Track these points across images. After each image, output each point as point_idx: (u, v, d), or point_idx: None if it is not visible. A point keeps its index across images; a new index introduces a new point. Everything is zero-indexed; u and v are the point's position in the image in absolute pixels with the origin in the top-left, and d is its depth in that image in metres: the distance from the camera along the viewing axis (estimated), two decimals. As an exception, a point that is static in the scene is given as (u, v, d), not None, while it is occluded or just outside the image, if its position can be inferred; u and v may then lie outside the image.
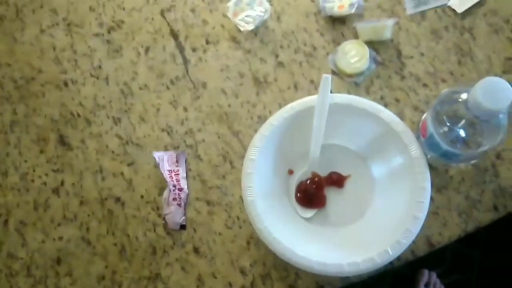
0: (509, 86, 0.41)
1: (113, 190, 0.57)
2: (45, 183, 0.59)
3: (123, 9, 0.65)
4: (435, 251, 0.53)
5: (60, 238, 0.56)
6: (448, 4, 0.59)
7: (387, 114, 0.51)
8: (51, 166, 0.59)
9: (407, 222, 0.48)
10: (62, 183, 0.58)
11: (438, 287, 1.20)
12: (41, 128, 0.61)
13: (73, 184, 0.58)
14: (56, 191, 0.58)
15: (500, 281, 1.20)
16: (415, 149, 0.50)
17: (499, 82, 0.41)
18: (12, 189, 0.59)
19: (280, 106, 0.57)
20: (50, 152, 0.60)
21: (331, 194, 0.54)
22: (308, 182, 0.54)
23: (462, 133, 0.47)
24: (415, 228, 0.47)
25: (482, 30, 0.58)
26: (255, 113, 0.59)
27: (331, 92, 0.57)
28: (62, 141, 0.60)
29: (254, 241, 0.54)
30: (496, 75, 0.56)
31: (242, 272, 0.53)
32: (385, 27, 0.57)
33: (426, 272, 1.20)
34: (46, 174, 0.59)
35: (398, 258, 0.50)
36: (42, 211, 0.58)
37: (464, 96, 0.44)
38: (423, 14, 0.59)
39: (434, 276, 1.20)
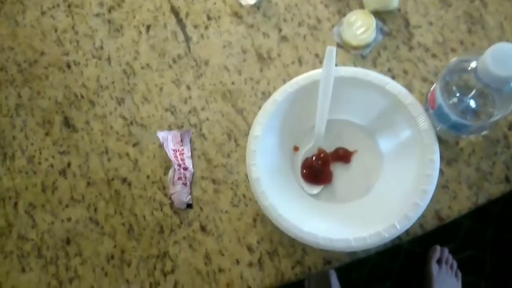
0: (521, 51, 0.39)
1: (119, 171, 0.57)
2: (52, 165, 0.59)
3: (123, -13, 0.64)
4: (447, 227, 0.52)
5: (69, 219, 0.57)
6: (458, -30, 0.56)
7: (394, 86, 0.50)
8: (57, 148, 0.60)
9: (415, 195, 0.47)
10: (69, 165, 0.59)
11: (450, 262, 1.20)
12: (46, 111, 0.61)
13: (79, 165, 0.59)
14: (63, 173, 0.59)
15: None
16: (423, 121, 0.48)
17: (510, 47, 0.39)
18: (20, 172, 0.59)
19: (285, 82, 0.56)
20: (55, 134, 0.60)
21: (338, 170, 0.53)
22: (314, 158, 0.53)
23: (472, 103, 0.46)
24: (424, 202, 0.46)
25: (494, -4, 0.55)
26: (259, 90, 0.58)
27: (336, 65, 0.56)
28: (67, 123, 0.60)
29: (260, 218, 0.54)
30: (508, 42, 0.54)
31: (249, 249, 0.53)
32: (392, -5, 0.55)
33: (438, 248, 1.19)
34: (53, 157, 0.59)
35: (407, 232, 0.50)
36: (50, 193, 0.58)
37: (473, 64, 0.43)
38: (431, -19, 0.57)
39: (446, 251, 1.20)
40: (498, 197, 0.51)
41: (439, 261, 1.19)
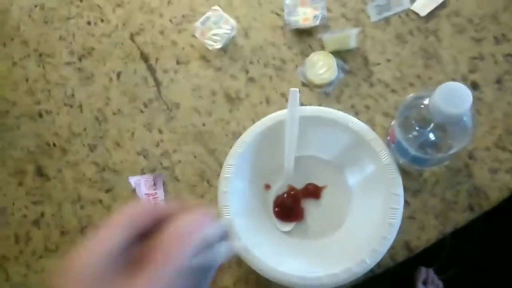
0: (467, 89, 0.41)
1: (93, 218, 0.57)
2: (25, 216, 0.59)
3: (93, 35, 0.66)
4: (431, 247, 0.53)
5: (43, 270, 0.56)
6: (411, 8, 0.60)
7: (356, 123, 0.52)
8: (30, 198, 0.59)
9: (383, 229, 0.48)
10: (42, 215, 0.59)
11: (436, 283, 1.21)
12: (18, 161, 0.61)
13: (52, 215, 0.58)
14: (36, 223, 0.58)
15: (497, 272, 1.21)
16: (385, 156, 0.50)
17: (457, 86, 0.41)
18: (-8, 224, 0.59)
19: (253, 121, 0.57)
20: (28, 184, 0.60)
21: (309, 206, 0.54)
22: (285, 196, 0.54)
23: (431, 136, 0.48)
24: (391, 235, 0.47)
25: (446, 32, 0.59)
26: (229, 130, 0.59)
27: (302, 104, 0.58)
28: (40, 172, 0.60)
29: (236, 259, 0.54)
30: (463, 75, 0.57)
31: (226, 290, 0.53)
32: (350, 36, 0.57)
33: (423, 269, 1.20)
34: (26, 207, 0.59)
35: (378, 265, 0.51)
36: (24, 244, 0.58)
37: (426, 101, 0.45)
38: (387, 20, 0.60)
39: (431, 272, 1.21)
40: (480, 217, 0.52)
41: (425, 283, 1.20)
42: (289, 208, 0.54)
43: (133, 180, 0.57)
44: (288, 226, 0.54)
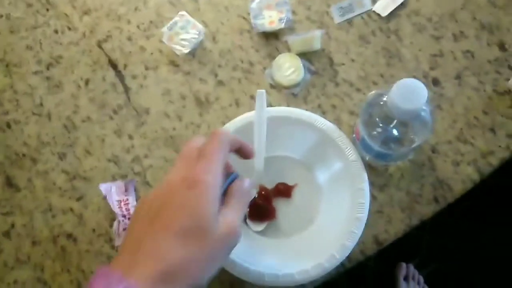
0: (423, 85, 0.43)
1: (64, 227, 0.57)
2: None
3: (60, 44, 0.65)
4: (409, 243, 0.54)
5: (15, 282, 0.56)
6: (373, 9, 0.61)
7: (322, 122, 0.53)
8: (1, 210, 0.59)
9: (351, 224, 0.49)
10: (13, 226, 0.58)
11: (417, 278, 1.23)
12: (-13, 172, 0.60)
13: (24, 225, 0.58)
14: (7, 234, 0.58)
15: (475, 264, 1.24)
16: (351, 153, 0.51)
17: (412, 82, 0.43)
18: (-39, 238, 0.58)
19: (224, 124, 0.58)
20: (-3, 195, 0.59)
21: (280, 205, 0.55)
22: (256, 196, 0.55)
23: (395, 132, 0.49)
24: (358, 229, 0.49)
25: (407, 31, 0.61)
26: (200, 133, 0.60)
27: (270, 105, 0.59)
28: (10, 182, 0.60)
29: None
30: (423, 72, 0.59)
31: (201, 293, 0.53)
32: (314, 38, 0.59)
33: (403, 265, 1.23)
34: (-5, 219, 0.58)
35: (348, 259, 0.52)
36: (-6, 256, 0.57)
37: (385, 98, 0.46)
38: (350, 21, 0.61)
39: (411, 268, 1.23)
40: (454, 210, 0.54)
41: (406, 278, 1.22)
42: (261, 208, 0.55)
43: (103, 187, 0.57)
44: (260, 226, 0.54)
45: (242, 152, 0.42)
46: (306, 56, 0.60)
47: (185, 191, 0.33)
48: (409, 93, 0.42)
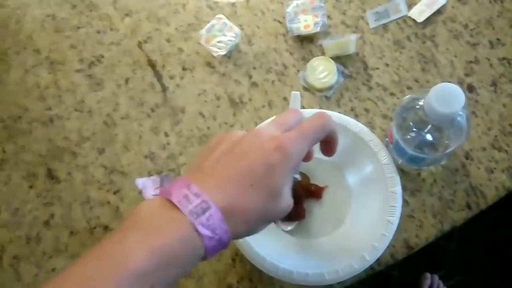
0: (460, 90, 0.43)
1: (101, 219, 0.59)
2: (36, 217, 0.61)
3: (102, 44, 0.68)
4: (435, 253, 0.54)
5: (53, 270, 0.58)
6: (408, 15, 0.62)
7: (355, 125, 0.53)
8: (41, 200, 0.61)
9: (382, 226, 0.49)
10: (52, 216, 0.60)
11: (441, 289, 1.21)
12: (30, 164, 0.63)
13: (62, 216, 0.60)
14: (46, 224, 0.60)
15: (501, 278, 1.21)
16: (384, 156, 0.52)
17: (451, 87, 0.43)
18: (4, 226, 0.61)
19: (256, 125, 0.59)
20: (39, 186, 0.62)
21: (310, 206, 0.56)
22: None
23: (429, 137, 0.49)
24: (389, 232, 0.49)
25: (443, 37, 0.61)
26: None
27: (303, 107, 0.60)
28: (50, 175, 0.63)
29: (239, 258, 0.55)
30: (459, 78, 0.59)
31: (230, 288, 0.55)
32: (349, 42, 0.59)
33: (428, 275, 1.21)
34: (37, 208, 0.61)
35: (378, 262, 0.52)
36: (34, 244, 0.59)
37: (422, 102, 0.47)
38: (385, 26, 0.62)
39: (436, 278, 1.21)
40: (483, 221, 0.53)
41: (430, 288, 1.20)
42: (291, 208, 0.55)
43: (140, 181, 0.59)
44: (290, 226, 0.55)
45: (328, 146, 0.41)
46: (340, 60, 0.61)
47: (270, 149, 0.34)
48: (447, 97, 0.43)
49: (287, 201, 0.36)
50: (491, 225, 1.23)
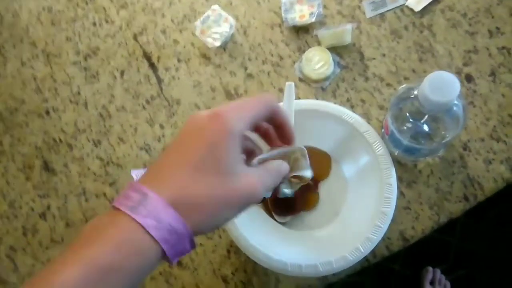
0: (455, 78, 0.42)
1: (97, 210, 0.59)
2: (32, 209, 0.61)
3: (98, 36, 0.68)
4: (437, 247, 0.54)
5: (49, 260, 0.58)
6: (406, 4, 0.61)
7: (350, 115, 0.53)
8: (37, 192, 0.62)
9: (376, 218, 0.49)
10: (48, 208, 0.61)
11: (443, 283, 1.20)
12: (26, 156, 0.63)
13: (58, 207, 0.60)
14: (43, 215, 0.60)
15: (504, 272, 1.20)
16: (379, 147, 0.51)
17: (445, 75, 0.42)
18: (1, 217, 0.61)
19: (252, 116, 0.59)
20: (35, 178, 0.62)
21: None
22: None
23: (425, 127, 0.49)
24: (384, 224, 0.48)
25: (440, 26, 0.60)
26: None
27: (298, 98, 0.59)
28: (47, 167, 0.63)
29: (234, 249, 0.55)
30: (457, 68, 0.58)
31: (225, 280, 0.54)
32: (345, 31, 0.59)
33: (430, 269, 1.20)
34: (33, 200, 0.61)
35: (373, 254, 0.52)
36: (31, 236, 0.60)
37: (416, 92, 0.46)
38: (382, 16, 0.61)
39: (438, 272, 1.20)
40: (486, 215, 0.53)
41: (432, 283, 1.19)
42: (287, 201, 0.55)
43: (134, 173, 0.59)
44: (285, 218, 0.55)
45: (282, 131, 0.37)
46: (336, 50, 0.60)
47: (205, 122, 0.31)
48: (441, 85, 0.42)
49: (246, 180, 0.31)
50: (495, 219, 1.21)
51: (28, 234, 0.60)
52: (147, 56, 0.66)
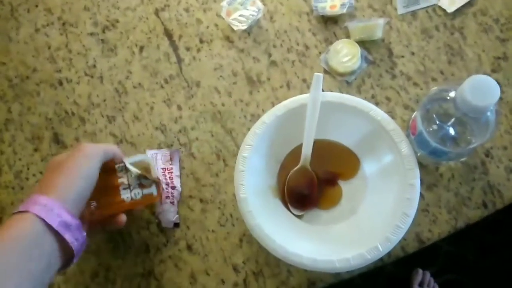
0: (496, 83, 0.41)
1: (107, 188, 0.58)
2: (39, 181, 0.59)
3: (118, 8, 0.66)
4: (427, 250, 0.54)
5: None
6: (439, 4, 0.60)
7: (377, 112, 0.52)
8: (45, 164, 0.60)
9: (397, 218, 0.48)
10: (56, 181, 0.59)
11: (432, 285, 1.21)
12: (36, 127, 0.61)
13: (67, 182, 0.58)
14: (50, 189, 0.58)
15: (493, 280, 1.22)
16: (405, 147, 0.50)
17: (486, 79, 0.42)
18: (6, 188, 0.59)
19: (273, 105, 0.57)
20: (44, 150, 0.60)
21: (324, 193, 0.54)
22: (300, 183, 0.54)
23: (451, 131, 0.48)
24: (405, 225, 0.48)
25: (472, 30, 0.59)
26: (248, 112, 0.60)
27: (323, 90, 0.58)
28: (57, 139, 0.61)
29: (247, 238, 0.54)
30: (485, 73, 0.57)
31: (235, 269, 0.54)
32: (376, 26, 0.57)
33: (420, 271, 1.21)
34: (41, 172, 0.59)
35: (389, 254, 0.51)
36: (36, 209, 0.58)
37: (452, 94, 0.45)
38: (413, 14, 0.60)
39: (428, 275, 1.21)
40: (477, 221, 0.53)
41: (421, 284, 1.20)
42: (304, 195, 0.54)
43: (150, 153, 0.57)
44: (301, 212, 0.54)
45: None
46: (364, 44, 0.59)
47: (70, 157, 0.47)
48: (482, 89, 0.41)
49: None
50: (487, 227, 1.23)
51: (33, 207, 0.58)
52: (168, 34, 0.64)
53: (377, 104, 0.57)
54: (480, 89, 0.41)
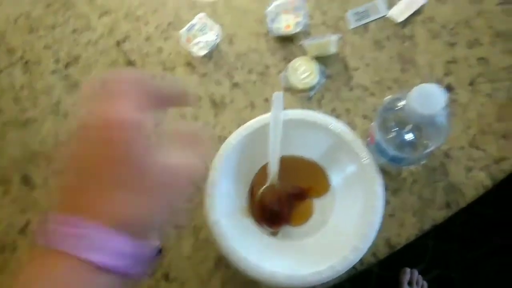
0: (441, 91, 0.43)
1: (80, 224, 0.58)
2: (11, 225, 0.59)
3: (78, 44, 0.66)
4: (413, 249, 0.54)
5: None
6: (388, 15, 0.62)
7: (337, 125, 0.53)
8: (16, 207, 0.59)
9: (364, 226, 0.49)
10: (28, 223, 0.59)
11: (421, 283, 1.23)
12: (4, 169, 0.61)
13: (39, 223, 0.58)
14: (22, 231, 0.58)
15: (480, 273, 1.24)
16: (365, 156, 0.52)
17: (431, 88, 0.43)
18: (-22, 233, 0.58)
19: (239, 125, 0.58)
20: (14, 192, 0.60)
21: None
22: (270, 201, 0.55)
23: (409, 136, 0.50)
24: (371, 232, 0.49)
25: (422, 37, 0.61)
26: (215, 134, 0.61)
27: (284, 108, 0.59)
28: (26, 180, 0.61)
29: (223, 261, 0.55)
30: (438, 78, 0.59)
31: (214, 292, 0.54)
32: (330, 42, 0.59)
33: (408, 270, 1.23)
34: (11, 215, 0.59)
35: (361, 262, 0.52)
36: (9, 253, 0.57)
37: (404, 102, 0.47)
38: (365, 26, 0.62)
39: (416, 273, 1.23)
40: (459, 217, 0.54)
41: (410, 283, 1.22)
42: (275, 212, 0.55)
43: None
44: (273, 229, 0.55)
45: (171, 99, 0.32)
46: (321, 60, 0.61)
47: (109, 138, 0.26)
48: (427, 98, 0.43)
49: (162, 165, 0.28)
50: (467, 222, 1.26)
51: (6, 252, 0.58)
52: (131, 64, 0.65)
53: (338, 116, 0.59)
54: (425, 98, 0.43)
